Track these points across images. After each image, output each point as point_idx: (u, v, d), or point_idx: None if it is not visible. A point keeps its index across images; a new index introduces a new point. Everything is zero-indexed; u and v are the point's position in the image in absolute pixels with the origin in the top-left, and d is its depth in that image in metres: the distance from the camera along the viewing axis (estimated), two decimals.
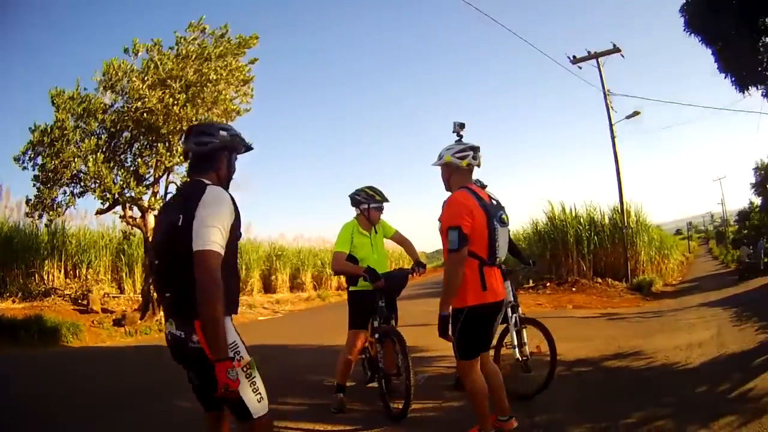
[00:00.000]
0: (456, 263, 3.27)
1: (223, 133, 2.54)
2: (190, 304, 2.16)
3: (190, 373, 2.46)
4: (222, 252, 2.21)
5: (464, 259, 3.28)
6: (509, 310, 4.74)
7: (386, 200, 4.90)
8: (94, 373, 7.14)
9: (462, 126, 3.71)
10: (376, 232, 4.98)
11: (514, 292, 4.95)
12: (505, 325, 4.77)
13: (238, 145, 2.63)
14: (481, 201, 3.40)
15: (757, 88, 9.70)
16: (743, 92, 9.63)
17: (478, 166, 3.60)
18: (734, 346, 6.37)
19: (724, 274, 20.32)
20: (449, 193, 3.57)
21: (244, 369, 2.27)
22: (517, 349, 4.63)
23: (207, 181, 2.41)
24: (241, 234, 2.45)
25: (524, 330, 4.72)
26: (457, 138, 3.68)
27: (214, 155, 2.53)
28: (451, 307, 3.37)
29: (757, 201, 36.07)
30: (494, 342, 4.75)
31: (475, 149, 3.55)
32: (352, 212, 5.01)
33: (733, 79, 9.41)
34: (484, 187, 4.97)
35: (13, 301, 11.73)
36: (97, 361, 8.34)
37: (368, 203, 4.84)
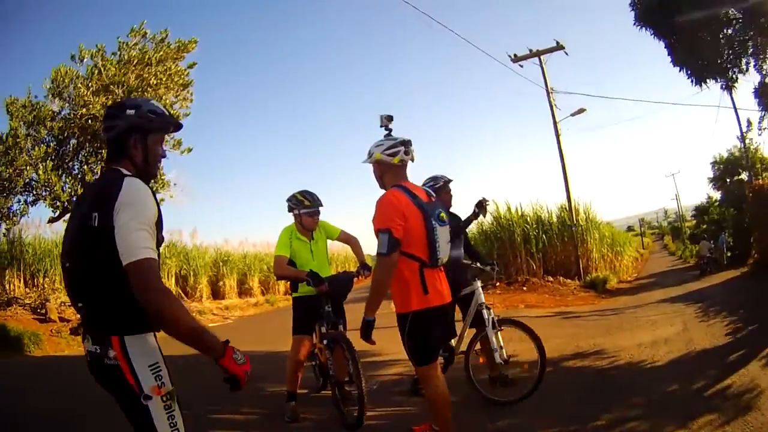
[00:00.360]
0: (385, 268, 3.15)
1: (130, 112, 2.09)
2: (106, 316, 1.91)
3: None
4: (156, 257, 1.88)
5: (395, 264, 3.15)
6: (484, 311, 4.55)
7: (318, 205, 4.73)
8: (51, 386, 6.86)
9: (390, 119, 3.47)
10: (313, 238, 4.87)
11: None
12: (474, 331, 4.73)
13: (155, 125, 2.15)
14: (416, 199, 3.23)
15: (717, 81, 9.83)
16: (700, 85, 9.73)
17: (412, 160, 3.42)
18: (704, 342, 6.27)
19: (683, 270, 20.61)
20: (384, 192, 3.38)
21: (164, 399, 1.94)
22: (497, 353, 4.39)
23: (124, 171, 2.04)
24: (163, 237, 2.12)
25: (500, 332, 4.50)
26: (386, 132, 3.46)
27: (124, 140, 2.10)
28: (396, 313, 3.34)
29: (716, 195, 35.87)
30: (461, 347, 4.83)
31: (407, 143, 3.38)
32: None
33: (688, 72, 9.51)
34: (449, 181, 5.01)
35: None
36: (52, 372, 8.02)
37: (298, 209, 4.72)
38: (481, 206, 5.14)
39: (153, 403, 1.91)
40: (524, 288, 15.46)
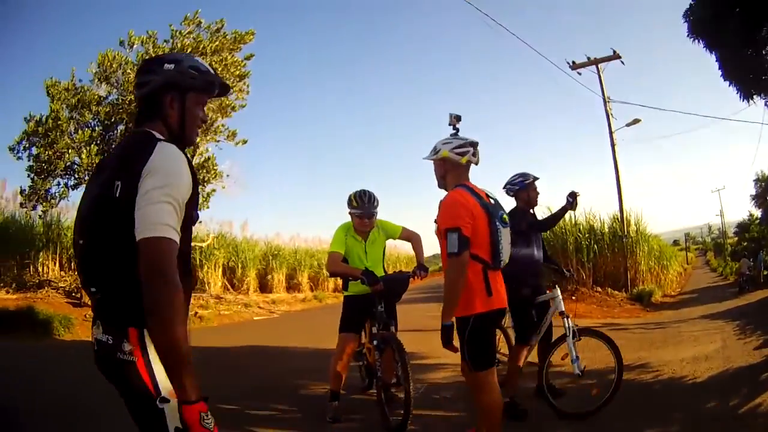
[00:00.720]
0: (458, 268, 2.99)
1: (168, 66, 1.80)
2: (124, 304, 1.60)
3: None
4: (177, 240, 1.57)
5: (466, 264, 3.01)
6: (565, 320, 4.41)
7: (370, 209, 4.46)
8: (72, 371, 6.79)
9: (458, 118, 3.37)
10: (369, 239, 4.65)
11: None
12: (545, 342, 4.64)
13: (196, 83, 1.84)
14: (481, 200, 3.14)
15: (761, 97, 9.48)
16: (747, 101, 9.41)
17: (476, 163, 3.31)
18: (740, 360, 6.23)
19: (723, 287, 20.39)
20: (443, 192, 3.32)
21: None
22: (575, 364, 4.27)
23: (157, 135, 1.74)
24: (198, 216, 1.78)
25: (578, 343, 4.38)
26: (453, 131, 3.37)
27: (158, 97, 1.80)
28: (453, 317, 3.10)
29: (757, 213, 35.67)
30: (529, 357, 4.65)
31: (475, 145, 3.28)
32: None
33: (737, 87, 9.19)
34: (536, 179, 4.87)
35: (7, 292, 11.44)
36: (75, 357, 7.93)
37: (350, 209, 4.53)
38: (573, 198, 4.95)
39: (170, 407, 1.58)
40: (573, 297, 14.93)
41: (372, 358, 4.52)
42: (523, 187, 4.80)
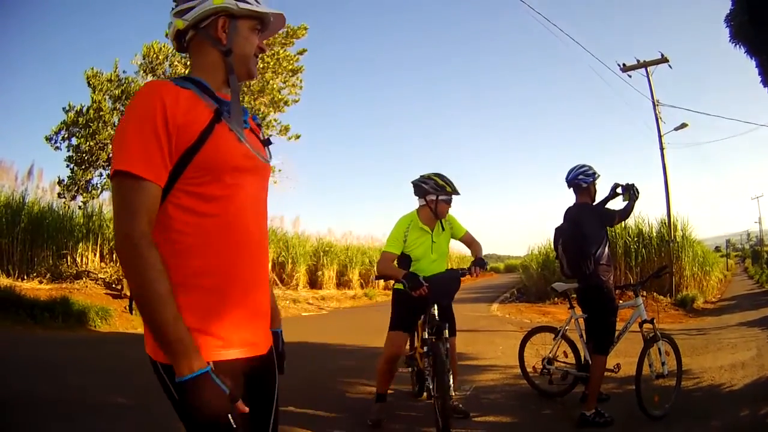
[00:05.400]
0: None
1: None
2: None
3: None
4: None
5: None
6: (645, 326, 4.40)
7: (457, 192, 4.17)
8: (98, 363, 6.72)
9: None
10: (443, 229, 4.32)
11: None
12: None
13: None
14: None
15: None
16: None
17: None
18: None
19: (759, 294, 19.64)
20: None
21: None
22: (651, 368, 4.33)
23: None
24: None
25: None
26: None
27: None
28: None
29: None
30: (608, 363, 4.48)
31: None
32: (409, 206, 4.38)
33: None
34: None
35: (40, 282, 11.57)
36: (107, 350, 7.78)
37: (437, 194, 4.11)
38: (631, 190, 4.56)
39: None
40: (620, 301, 14.49)
41: (422, 364, 4.17)
42: (594, 180, 4.54)
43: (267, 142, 1.66)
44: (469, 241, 4.52)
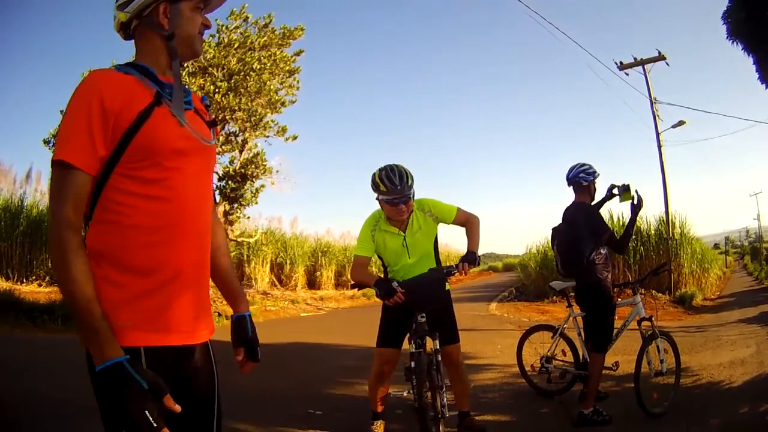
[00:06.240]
0: None
1: None
2: None
3: None
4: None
5: None
6: (644, 323, 4.44)
7: (402, 191, 3.36)
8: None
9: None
10: (419, 226, 3.62)
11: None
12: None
13: None
14: None
15: None
16: None
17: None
18: None
19: (759, 291, 19.78)
20: None
21: None
22: (664, 364, 4.37)
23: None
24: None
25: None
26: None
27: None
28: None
29: None
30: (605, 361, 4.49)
31: None
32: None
33: None
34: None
35: (39, 285, 11.59)
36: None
37: (377, 194, 3.49)
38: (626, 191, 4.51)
39: None
40: (619, 299, 14.56)
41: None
42: (594, 179, 4.49)
43: (212, 124, 1.68)
44: (464, 221, 3.74)
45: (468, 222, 3.73)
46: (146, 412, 1.24)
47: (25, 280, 11.58)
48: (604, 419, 4.06)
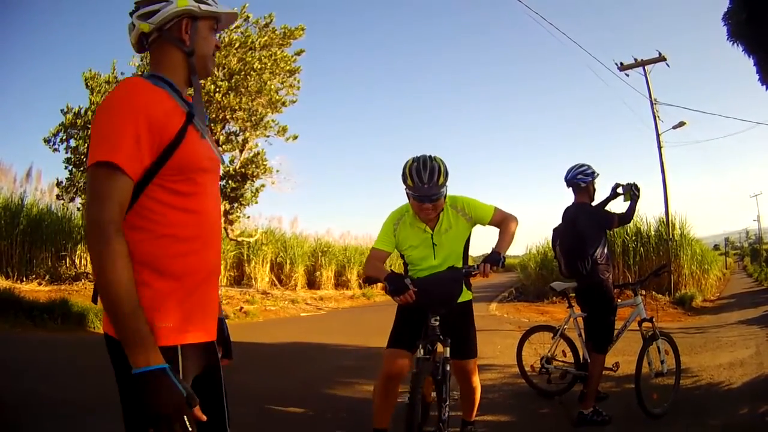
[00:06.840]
0: None
1: None
2: None
3: None
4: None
5: None
6: (645, 324, 4.44)
7: (430, 186, 3.01)
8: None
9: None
10: (450, 225, 3.27)
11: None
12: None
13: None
14: None
15: None
16: None
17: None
18: None
19: (758, 292, 19.80)
20: None
21: None
22: (651, 365, 4.39)
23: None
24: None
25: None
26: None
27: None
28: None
29: None
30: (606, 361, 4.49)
31: None
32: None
33: None
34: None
35: (39, 284, 11.54)
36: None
37: (405, 188, 3.15)
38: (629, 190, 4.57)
39: None
40: (619, 300, 14.55)
41: (427, 389, 3.44)
42: (593, 179, 4.50)
43: (216, 141, 1.75)
44: (500, 220, 3.35)
45: (504, 221, 3.34)
46: (185, 417, 1.31)
47: (24, 279, 11.54)
48: (604, 419, 4.07)
